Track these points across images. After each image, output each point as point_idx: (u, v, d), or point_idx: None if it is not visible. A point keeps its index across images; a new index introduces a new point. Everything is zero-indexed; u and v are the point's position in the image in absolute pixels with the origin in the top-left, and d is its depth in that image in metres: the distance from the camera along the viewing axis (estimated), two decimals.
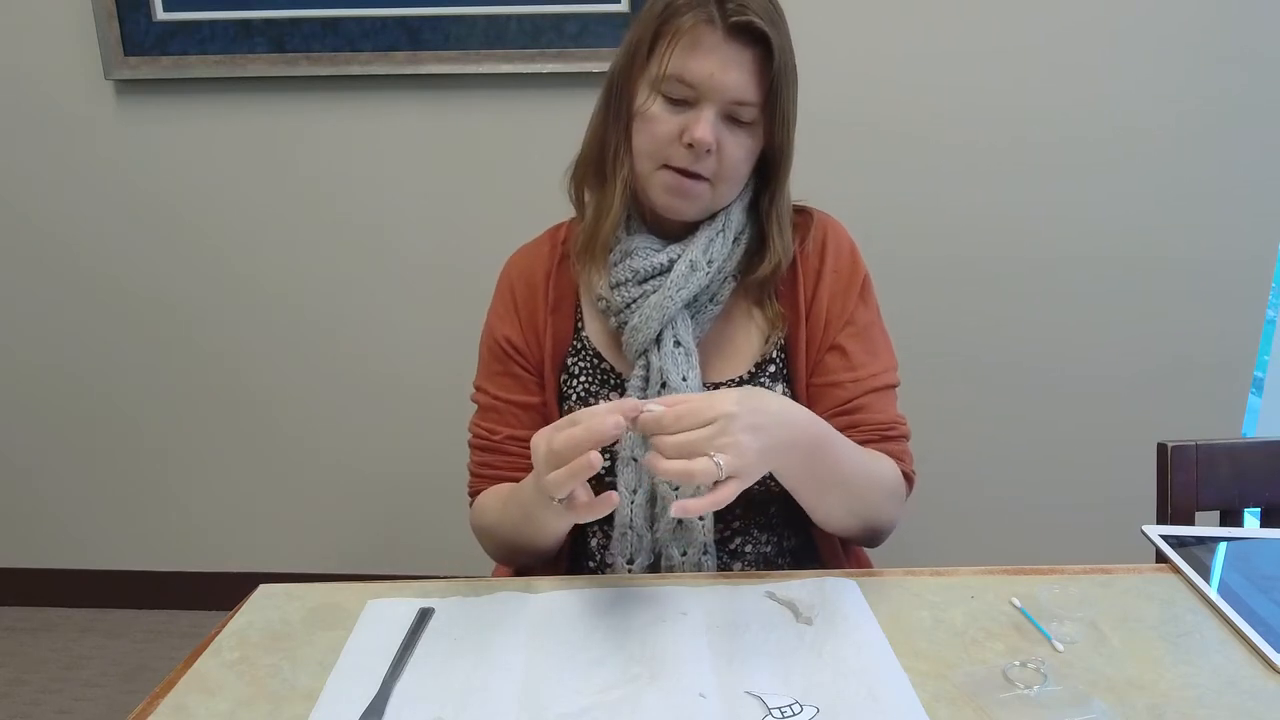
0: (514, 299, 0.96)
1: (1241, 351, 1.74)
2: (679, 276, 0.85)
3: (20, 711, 1.70)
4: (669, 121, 0.82)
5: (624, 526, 0.86)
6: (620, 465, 0.86)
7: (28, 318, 1.87)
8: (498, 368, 0.96)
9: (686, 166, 0.82)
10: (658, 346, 0.86)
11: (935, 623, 0.72)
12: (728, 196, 0.87)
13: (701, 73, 0.80)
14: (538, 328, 0.95)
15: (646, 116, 0.84)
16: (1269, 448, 0.98)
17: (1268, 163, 1.64)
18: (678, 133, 0.82)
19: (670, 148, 0.83)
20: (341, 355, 1.86)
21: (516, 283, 0.97)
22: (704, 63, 0.80)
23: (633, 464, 0.86)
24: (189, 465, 1.95)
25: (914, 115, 1.66)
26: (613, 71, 0.88)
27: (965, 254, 1.72)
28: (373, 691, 0.63)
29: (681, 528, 0.86)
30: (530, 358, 0.95)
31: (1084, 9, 1.59)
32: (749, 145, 0.85)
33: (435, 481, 1.90)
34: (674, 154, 0.83)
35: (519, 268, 0.98)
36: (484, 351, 0.98)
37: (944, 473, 1.82)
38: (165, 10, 1.64)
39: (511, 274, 0.98)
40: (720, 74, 0.80)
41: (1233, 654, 0.67)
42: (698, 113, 0.81)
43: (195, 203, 1.78)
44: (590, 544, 0.95)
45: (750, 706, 0.61)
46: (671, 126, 0.82)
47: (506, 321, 0.96)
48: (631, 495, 0.86)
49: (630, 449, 0.86)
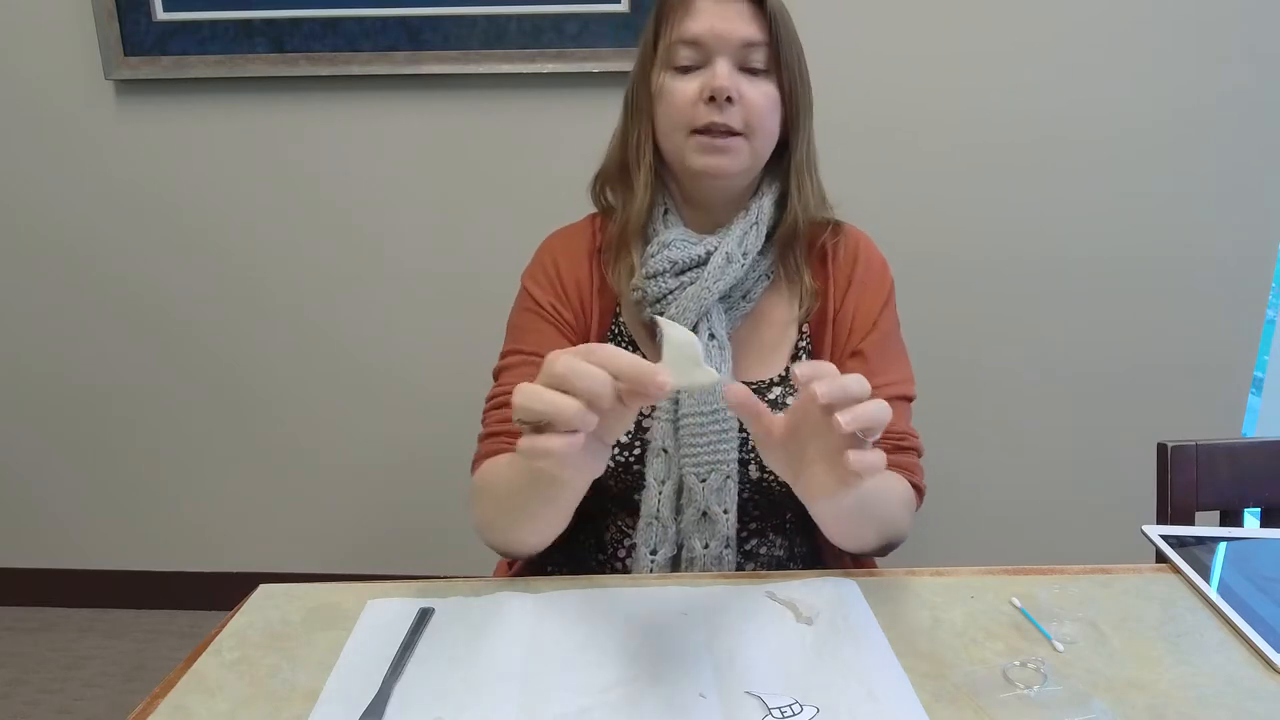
0: (558, 274, 0.94)
1: (1241, 351, 1.74)
2: (715, 269, 0.86)
3: (20, 711, 1.70)
4: (685, 88, 0.85)
5: (650, 516, 0.87)
6: (650, 455, 0.87)
7: (27, 317, 1.87)
8: (536, 326, 0.93)
9: (714, 121, 0.84)
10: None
11: (935, 623, 0.72)
12: (764, 150, 0.88)
13: (701, 27, 0.84)
14: (584, 302, 0.94)
15: (664, 92, 0.86)
16: (1269, 448, 0.98)
17: (1268, 163, 1.64)
18: (697, 94, 0.84)
19: (693, 110, 0.84)
20: (341, 355, 1.86)
21: (560, 258, 0.95)
22: (701, 19, 0.84)
23: (663, 454, 0.86)
24: (189, 465, 1.95)
25: (913, 116, 1.66)
26: (629, 81, 0.92)
27: (965, 254, 1.73)
28: (373, 691, 0.63)
29: (705, 520, 0.86)
30: (576, 328, 0.93)
31: (1084, 9, 1.59)
32: (770, 93, 0.86)
33: (436, 481, 1.90)
34: (698, 115, 0.84)
35: (562, 246, 0.97)
36: (518, 321, 0.95)
37: (944, 473, 1.82)
38: (165, 10, 1.64)
39: (555, 250, 0.97)
40: (720, 24, 0.83)
41: (1233, 654, 0.67)
42: (711, 67, 0.84)
43: (195, 203, 1.78)
44: (605, 536, 0.94)
45: (750, 706, 0.61)
46: (690, 91, 0.84)
47: (550, 293, 0.94)
48: (660, 485, 0.86)
49: (661, 440, 0.86)
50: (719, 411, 0.86)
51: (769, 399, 0.90)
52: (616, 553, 0.93)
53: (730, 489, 0.87)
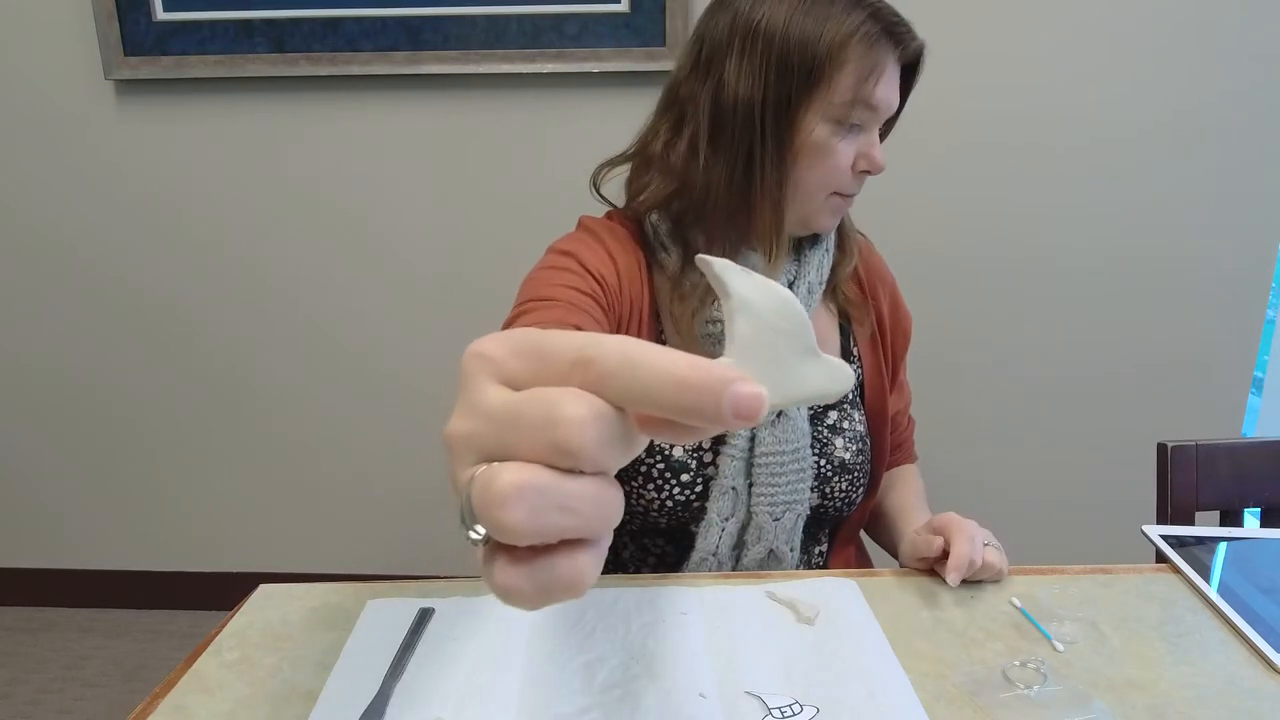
0: (610, 255, 0.82)
1: (1241, 351, 1.74)
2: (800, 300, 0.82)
3: (20, 711, 1.70)
4: (845, 151, 0.79)
5: (707, 553, 0.83)
6: (716, 493, 0.82)
7: (27, 317, 1.87)
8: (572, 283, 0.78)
9: (855, 192, 0.82)
10: None
11: (935, 623, 0.72)
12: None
13: (887, 96, 0.78)
14: (634, 299, 0.82)
15: (824, 150, 0.78)
16: (1269, 448, 0.98)
17: (1268, 163, 1.64)
18: (853, 160, 0.80)
19: (847, 178, 0.80)
20: (341, 355, 1.86)
21: (610, 244, 0.84)
22: (888, 87, 0.78)
23: (731, 493, 0.82)
24: (189, 465, 1.95)
25: (912, 116, 1.65)
26: (728, 93, 0.77)
27: (964, 254, 1.72)
28: (373, 691, 0.63)
29: (771, 557, 0.84)
30: (618, 309, 0.80)
31: (1084, 9, 1.59)
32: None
33: (436, 481, 1.90)
34: (850, 183, 0.81)
35: (607, 242, 0.84)
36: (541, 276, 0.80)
37: (944, 473, 1.82)
38: (165, 10, 1.64)
39: (602, 236, 0.84)
40: (892, 94, 0.79)
41: (1233, 654, 0.67)
42: (869, 137, 0.79)
43: (195, 203, 1.78)
44: (622, 555, 0.91)
45: (750, 706, 0.61)
46: (848, 155, 0.79)
47: (604, 265, 0.81)
48: (723, 523, 0.82)
49: (732, 479, 0.82)
50: (799, 450, 0.82)
51: (827, 424, 0.88)
52: (640, 570, 0.90)
53: (799, 527, 0.85)
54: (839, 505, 0.88)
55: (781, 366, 0.30)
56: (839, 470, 0.87)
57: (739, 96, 0.76)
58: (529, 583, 0.27)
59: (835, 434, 0.87)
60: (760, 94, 0.76)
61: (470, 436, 0.28)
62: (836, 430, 0.88)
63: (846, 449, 0.87)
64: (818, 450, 0.86)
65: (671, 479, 0.82)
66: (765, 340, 0.30)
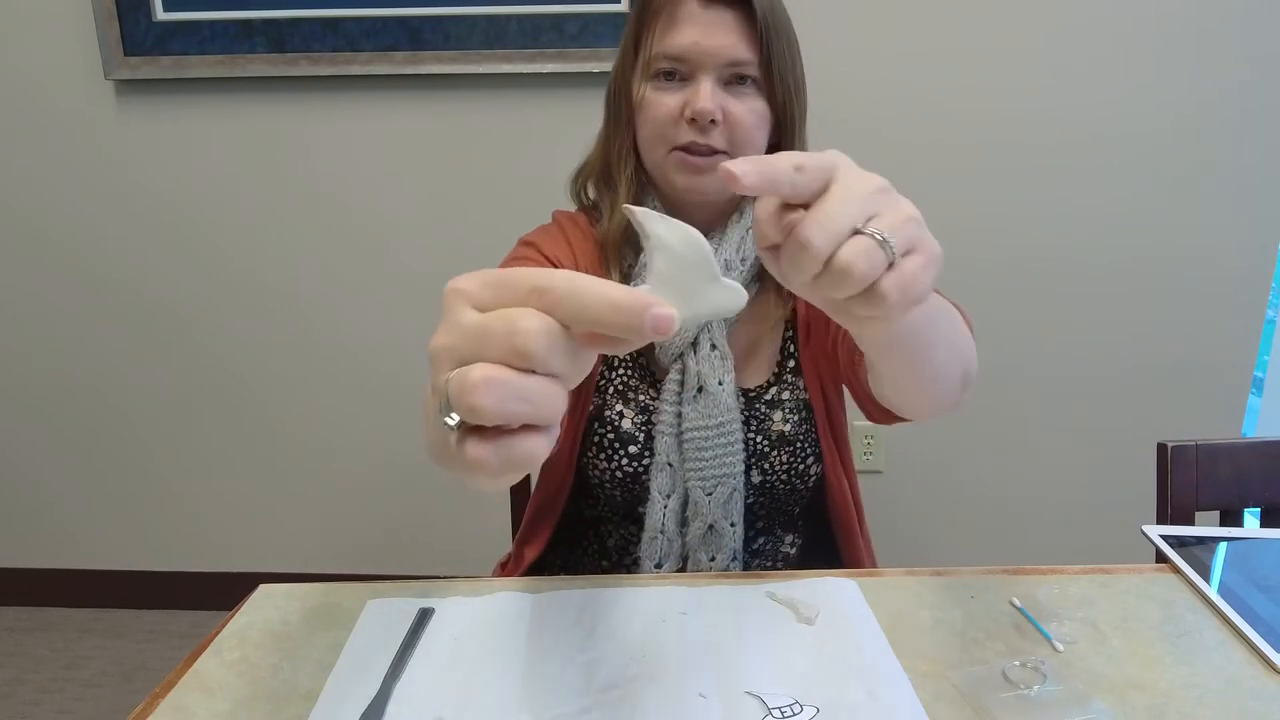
0: (570, 244, 0.89)
1: (1241, 351, 1.74)
2: None
3: (20, 711, 1.70)
4: (666, 102, 0.81)
5: (655, 531, 0.85)
6: (655, 470, 0.85)
7: (27, 317, 1.87)
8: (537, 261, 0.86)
9: (695, 141, 0.80)
10: (694, 350, 0.85)
11: (935, 623, 0.72)
12: None
13: (685, 42, 0.79)
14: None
15: (644, 104, 0.82)
16: (1269, 448, 0.98)
17: (1268, 163, 1.64)
18: (678, 111, 0.80)
19: (674, 128, 0.81)
20: (341, 354, 1.86)
21: (571, 233, 0.90)
22: (685, 32, 0.79)
23: (668, 469, 0.85)
24: (189, 465, 1.95)
25: (912, 116, 1.66)
26: (610, 80, 0.88)
27: (964, 254, 1.72)
28: (373, 691, 0.63)
29: (712, 533, 0.85)
30: None
31: (1084, 9, 1.59)
32: (757, 109, 0.81)
33: (435, 482, 1.90)
34: (679, 133, 0.81)
35: (569, 232, 0.91)
36: (507, 264, 0.86)
37: (944, 473, 1.82)
38: (165, 10, 1.64)
39: (565, 227, 0.91)
40: (705, 39, 0.79)
41: (1233, 654, 0.67)
42: (695, 85, 0.79)
43: (195, 203, 1.78)
44: (608, 543, 0.94)
45: (750, 706, 0.61)
46: (671, 106, 0.80)
47: (563, 253, 0.87)
48: (665, 500, 0.85)
49: (666, 454, 0.85)
50: (724, 425, 0.84)
51: (766, 399, 0.89)
52: (623, 560, 0.93)
53: (736, 501, 0.86)
54: (787, 479, 0.88)
55: (691, 291, 0.38)
56: (777, 443, 0.87)
57: (611, 77, 0.88)
58: (494, 456, 0.34)
59: (774, 408, 0.88)
60: (614, 71, 0.87)
61: (449, 348, 0.36)
62: (775, 404, 0.88)
63: (786, 420, 0.88)
64: (754, 426, 0.87)
65: (620, 449, 0.87)
66: (677, 270, 0.38)
